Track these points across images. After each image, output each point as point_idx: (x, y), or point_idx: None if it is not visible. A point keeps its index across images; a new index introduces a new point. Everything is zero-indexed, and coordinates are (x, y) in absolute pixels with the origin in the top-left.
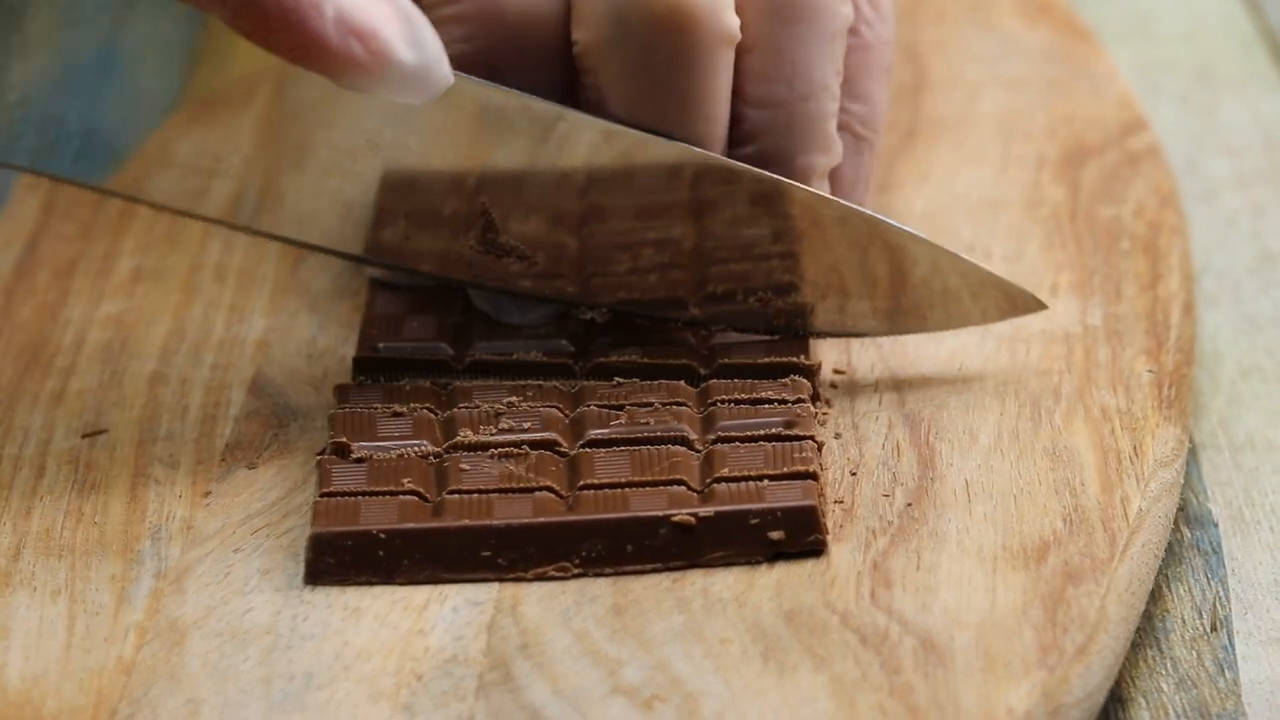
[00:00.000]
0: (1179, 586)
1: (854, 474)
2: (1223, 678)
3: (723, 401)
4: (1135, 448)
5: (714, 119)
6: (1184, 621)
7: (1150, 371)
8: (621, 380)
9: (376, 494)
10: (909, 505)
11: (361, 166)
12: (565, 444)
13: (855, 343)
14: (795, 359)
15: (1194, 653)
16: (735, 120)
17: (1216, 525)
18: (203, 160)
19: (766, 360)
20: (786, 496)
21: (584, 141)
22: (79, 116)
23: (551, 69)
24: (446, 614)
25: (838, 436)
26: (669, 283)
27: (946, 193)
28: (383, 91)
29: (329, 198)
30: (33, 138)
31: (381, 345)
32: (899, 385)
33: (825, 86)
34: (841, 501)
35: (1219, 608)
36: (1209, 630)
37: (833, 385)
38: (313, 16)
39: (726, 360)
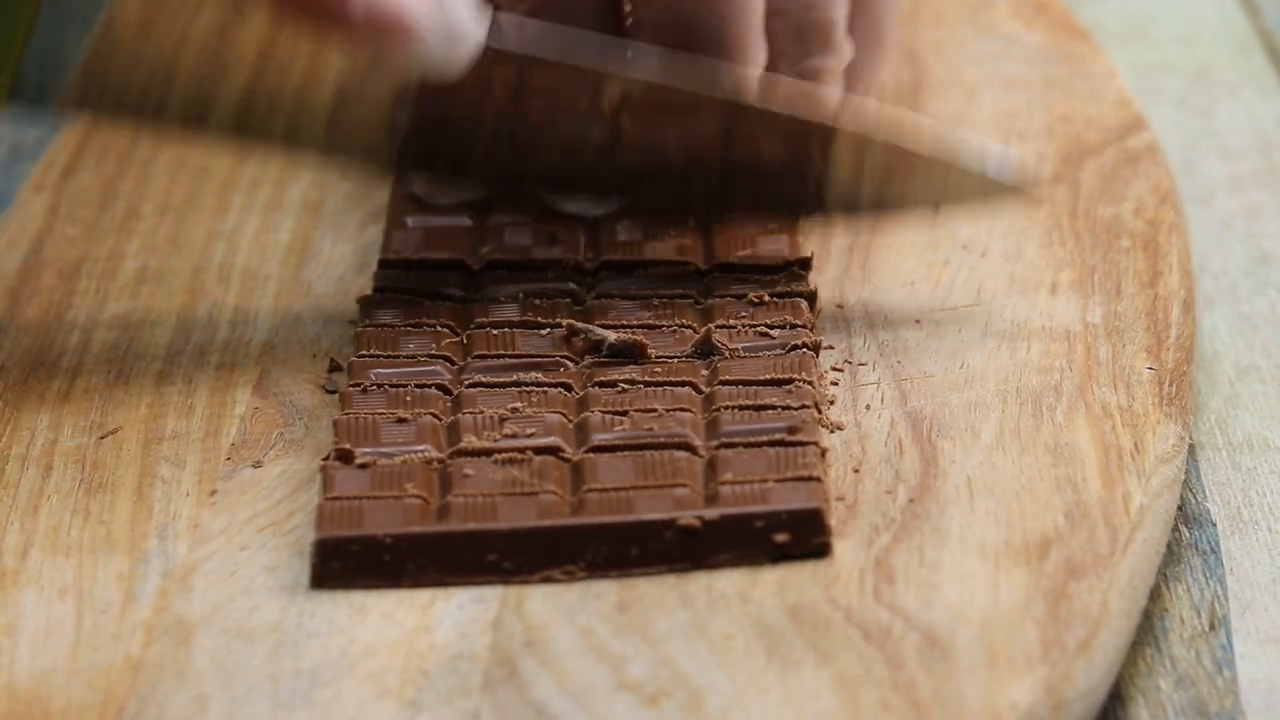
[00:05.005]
0: (1177, 585)
1: (856, 471)
2: (1221, 676)
3: (726, 408)
4: (1136, 444)
5: (750, 27)
6: (1182, 620)
7: (1151, 368)
8: (626, 386)
9: (380, 499)
10: (911, 502)
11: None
12: (569, 449)
13: (857, 341)
14: (797, 375)
15: (1192, 651)
16: None
17: (1215, 525)
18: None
19: (768, 377)
20: (792, 499)
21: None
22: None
23: None
24: (452, 611)
25: (839, 433)
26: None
27: None
28: (410, 66)
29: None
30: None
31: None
32: (900, 383)
33: None
34: (844, 498)
35: (1217, 606)
36: (1207, 629)
37: (834, 383)
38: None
39: (729, 378)
